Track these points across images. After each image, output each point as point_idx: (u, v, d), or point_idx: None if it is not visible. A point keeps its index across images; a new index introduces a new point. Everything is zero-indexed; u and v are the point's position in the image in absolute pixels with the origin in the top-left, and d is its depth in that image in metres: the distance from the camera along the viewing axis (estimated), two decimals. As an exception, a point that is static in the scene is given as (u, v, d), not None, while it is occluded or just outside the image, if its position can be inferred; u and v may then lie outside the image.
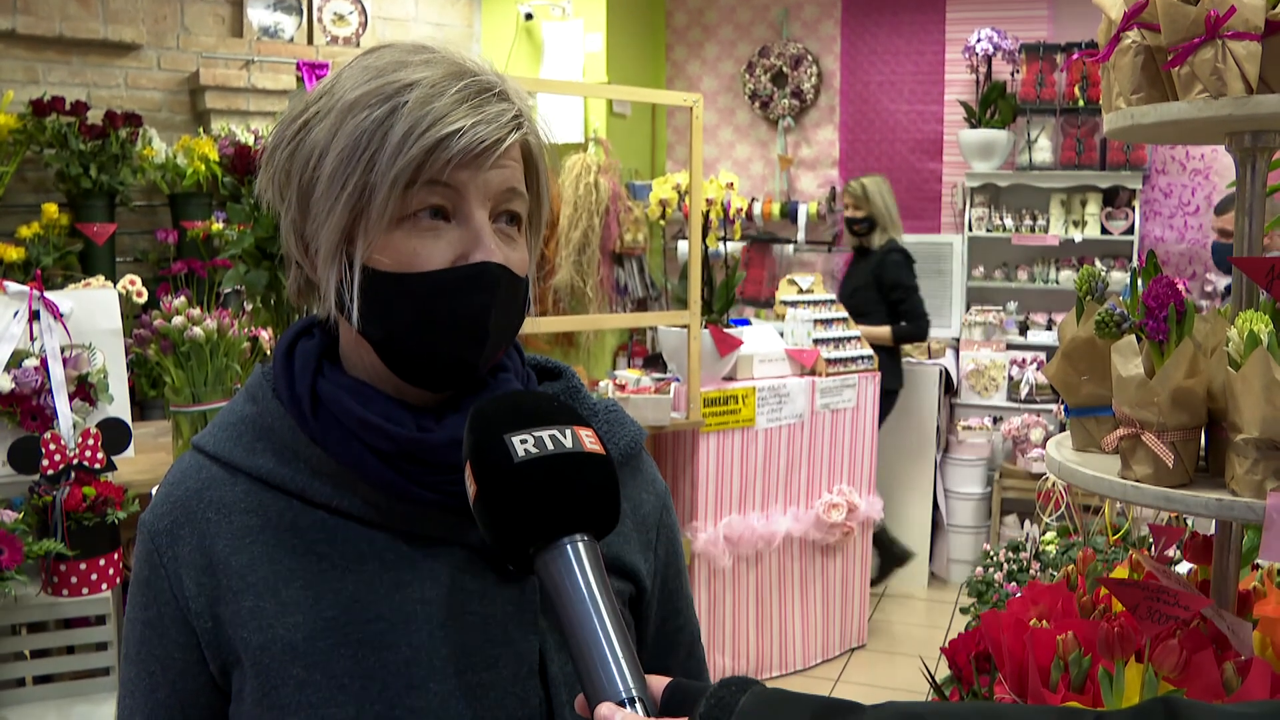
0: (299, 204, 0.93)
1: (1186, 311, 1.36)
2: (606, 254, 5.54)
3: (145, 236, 4.57)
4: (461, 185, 0.89)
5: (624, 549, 1.04)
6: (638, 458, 1.10)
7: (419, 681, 0.91)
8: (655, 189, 5.40)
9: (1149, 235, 5.82)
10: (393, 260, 0.90)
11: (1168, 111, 1.41)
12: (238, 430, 0.98)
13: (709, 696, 0.76)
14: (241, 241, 2.56)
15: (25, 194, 4.26)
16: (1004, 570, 3.18)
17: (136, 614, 0.98)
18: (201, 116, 4.81)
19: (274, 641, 0.91)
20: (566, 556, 0.81)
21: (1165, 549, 1.77)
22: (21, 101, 4.15)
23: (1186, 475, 1.38)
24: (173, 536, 0.95)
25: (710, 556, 4.26)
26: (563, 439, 0.84)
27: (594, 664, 0.78)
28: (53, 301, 2.34)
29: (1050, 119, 5.81)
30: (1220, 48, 1.33)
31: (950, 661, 1.77)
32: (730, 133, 6.82)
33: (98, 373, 2.37)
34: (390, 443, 0.92)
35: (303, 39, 5.17)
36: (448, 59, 0.92)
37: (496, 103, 0.90)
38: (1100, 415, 1.55)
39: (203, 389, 2.71)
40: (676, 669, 1.12)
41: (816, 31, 6.57)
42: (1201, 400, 1.37)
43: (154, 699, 0.97)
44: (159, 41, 4.74)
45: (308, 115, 0.92)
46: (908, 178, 6.39)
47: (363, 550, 0.94)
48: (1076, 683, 1.38)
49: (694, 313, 4.12)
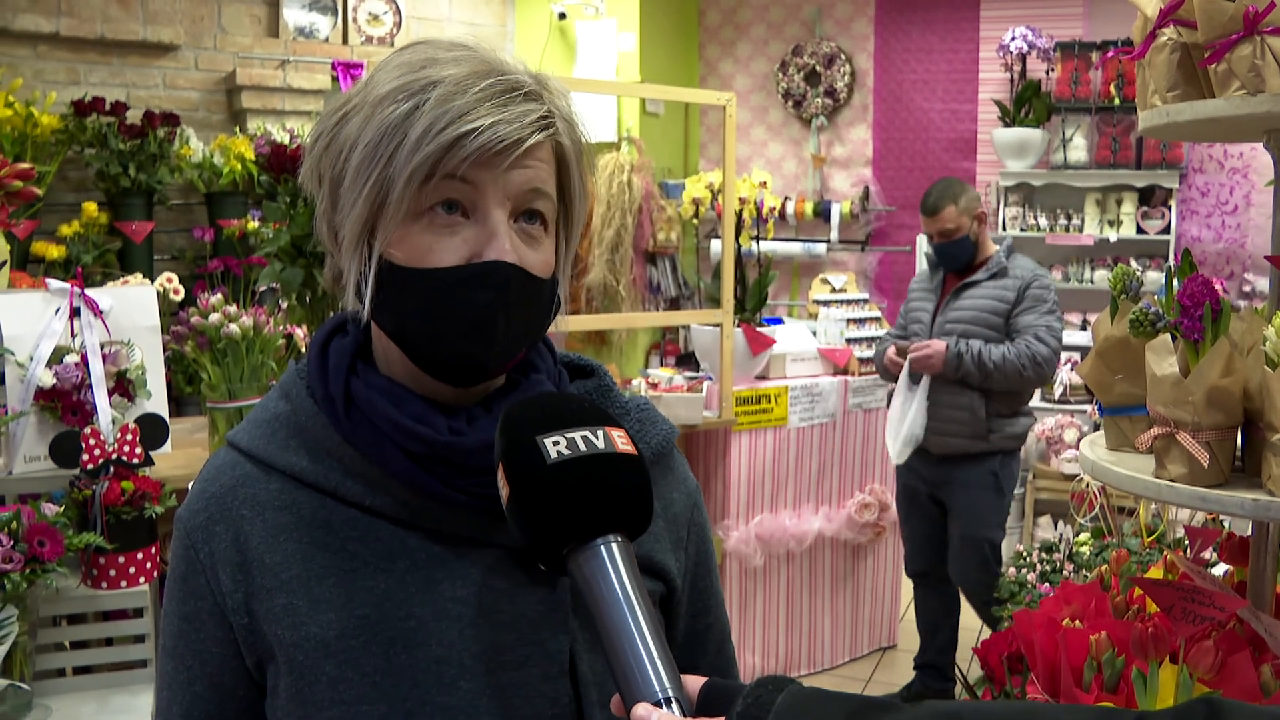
0: (330, 194, 0.95)
1: (1222, 310, 1.35)
2: (639, 253, 5.54)
3: (182, 235, 4.61)
4: (479, 183, 0.89)
5: (655, 548, 1.05)
6: (669, 456, 1.10)
7: (450, 680, 0.92)
8: (688, 188, 5.40)
9: (1185, 235, 5.76)
10: (407, 254, 0.91)
11: (1204, 109, 1.40)
12: (271, 428, 0.99)
13: (746, 695, 0.76)
14: (277, 239, 2.58)
15: (66, 193, 4.31)
16: (1037, 571, 3.16)
17: (174, 608, 0.99)
18: (238, 116, 4.85)
19: (307, 639, 0.92)
20: (600, 557, 0.81)
21: (1201, 551, 1.76)
22: (63, 102, 4.21)
23: (1222, 475, 1.37)
24: (208, 532, 0.96)
25: (742, 555, 4.26)
26: (595, 440, 0.84)
27: (629, 664, 0.78)
28: (93, 299, 2.37)
29: (1085, 118, 5.76)
30: (1259, 44, 1.32)
31: (982, 661, 1.76)
32: (763, 131, 6.81)
33: (136, 369, 2.39)
34: (422, 445, 0.92)
35: (338, 39, 5.20)
36: (478, 57, 0.92)
37: (523, 102, 0.90)
38: (1135, 415, 1.54)
39: (238, 385, 2.74)
40: (705, 667, 1.12)
41: (849, 30, 6.55)
42: (1237, 400, 1.36)
43: (192, 692, 0.98)
44: (196, 42, 4.79)
45: (346, 108, 0.94)
46: (941, 176, 6.35)
47: (394, 549, 0.94)
48: (1110, 683, 1.38)
49: (727, 311, 4.12)
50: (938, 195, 3.95)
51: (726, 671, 1.15)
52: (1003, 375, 3.80)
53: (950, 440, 3.95)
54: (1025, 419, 4.02)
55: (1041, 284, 3.91)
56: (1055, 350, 3.83)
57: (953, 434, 3.94)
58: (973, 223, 3.96)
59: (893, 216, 6.47)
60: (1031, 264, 3.99)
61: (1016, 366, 3.79)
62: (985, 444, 3.93)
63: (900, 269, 6.36)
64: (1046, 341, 3.82)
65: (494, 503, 0.86)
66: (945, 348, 3.88)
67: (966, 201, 3.93)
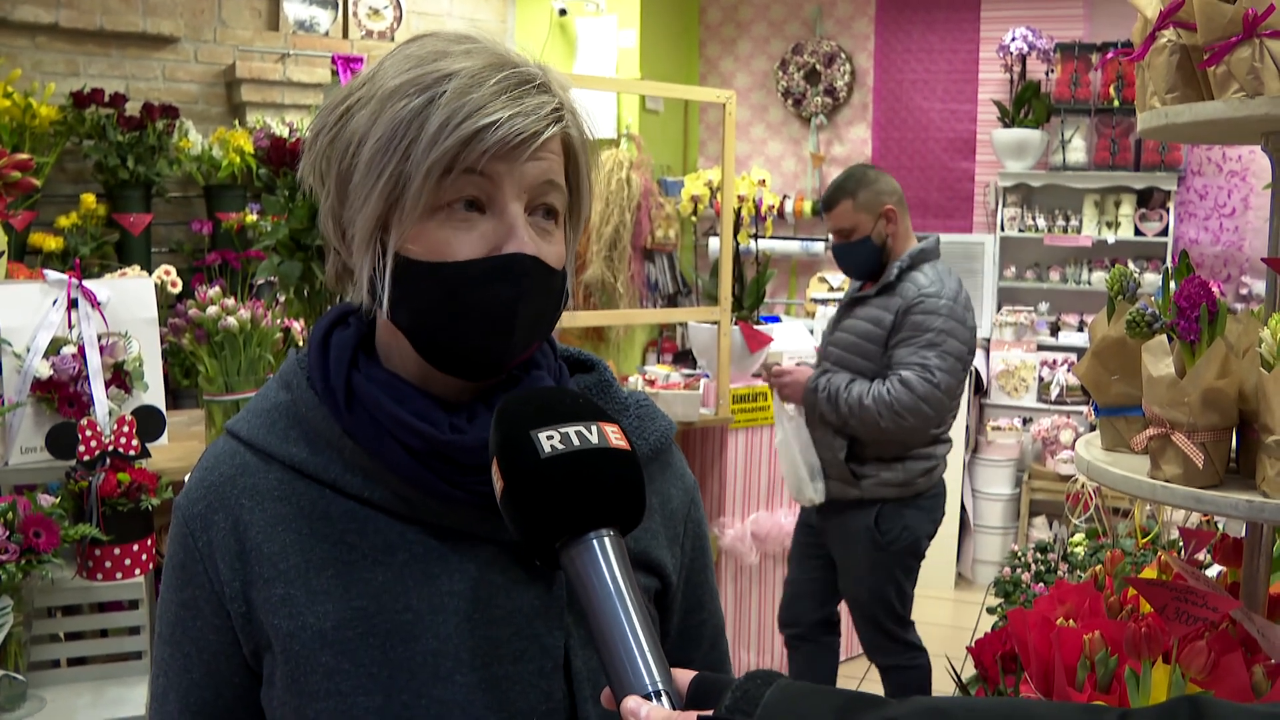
0: (337, 190, 0.94)
1: (1219, 311, 1.35)
2: (638, 250, 5.55)
3: (180, 227, 4.61)
4: (497, 176, 0.89)
5: (651, 544, 1.05)
6: (668, 452, 1.10)
7: (445, 673, 0.92)
8: (687, 185, 5.40)
9: (1183, 237, 5.77)
10: (425, 249, 0.90)
11: (1203, 111, 1.40)
12: (271, 417, 0.99)
13: (734, 689, 0.76)
14: (275, 233, 2.58)
15: (64, 184, 4.31)
16: (1031, 571, 3.17)
17: (171, 595, 0.99)
18: (237, 109, 4.85)
19: (303, 629, 0.92)
20: (592, 551, 0.82)
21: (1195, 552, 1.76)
22: (62, 94, 4.20)
23: (1217, 476, 1.37)
24: (206, 521, 0.96)
25: (737, 553, 4.26)
26: (589, 435, 0.84)
27: (620, 658, 0.79)
28: (90, 290, 2.37)
29: (1084, 119, 5.77)
30: (1258, 46, 1.32)
31: (976, 660, 1.77)
32: (763, 130, 6.81)
33: (133, 361, 2.39)
34: (423, 441, 0.92)
35: (338, 33, 5.20)
36: (489, 50, 0.92)
37: (536, 95, 0.90)
38: (1130, 415, 1.54)
39: (236, 378, 2.74)
40: (699, 662, 1.12)
41: (850, 29, 6.55)
42: (1232, 401, 1.36)
43: (188, 679, 0.98)
44: (196, 35, 4.78)
45: (350, 102, 0.93)
46: (940, 177, 6.37)
47: (393, 542, 0.95)
48: (1103, 683, 1.38)
49: (724, 309, 4.12)
50: (834, 188, 3.36)
51: (720, 667, 1.15)
52: (859, 422, 3.17)
53: (829, 483, 3.36)
54: (919, 462, 3.29)
55: (926, 308, 3.16)
56: (924, 397, 3.09)
57: (829, 475, 3.36)
58: (877, 222, 3.28)
59: (891, 216, 6.47)
60: (930, 280, 3.21)
61: (873, 414, 3.13)
62: (857, 491, 3.30)
63: (898, 268, 6.36)
64: (912, 386, 3.10)
65: (493, 499, 0.86)
66: (806, 377, 3.35)
67: (867, 196, 3.28)
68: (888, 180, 3.35)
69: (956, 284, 3.26)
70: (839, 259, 3.41)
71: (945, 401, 3.17)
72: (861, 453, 3.29)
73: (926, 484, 3.33)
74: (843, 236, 3.34)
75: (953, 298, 3.19)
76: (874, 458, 3.28)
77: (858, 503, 3.32)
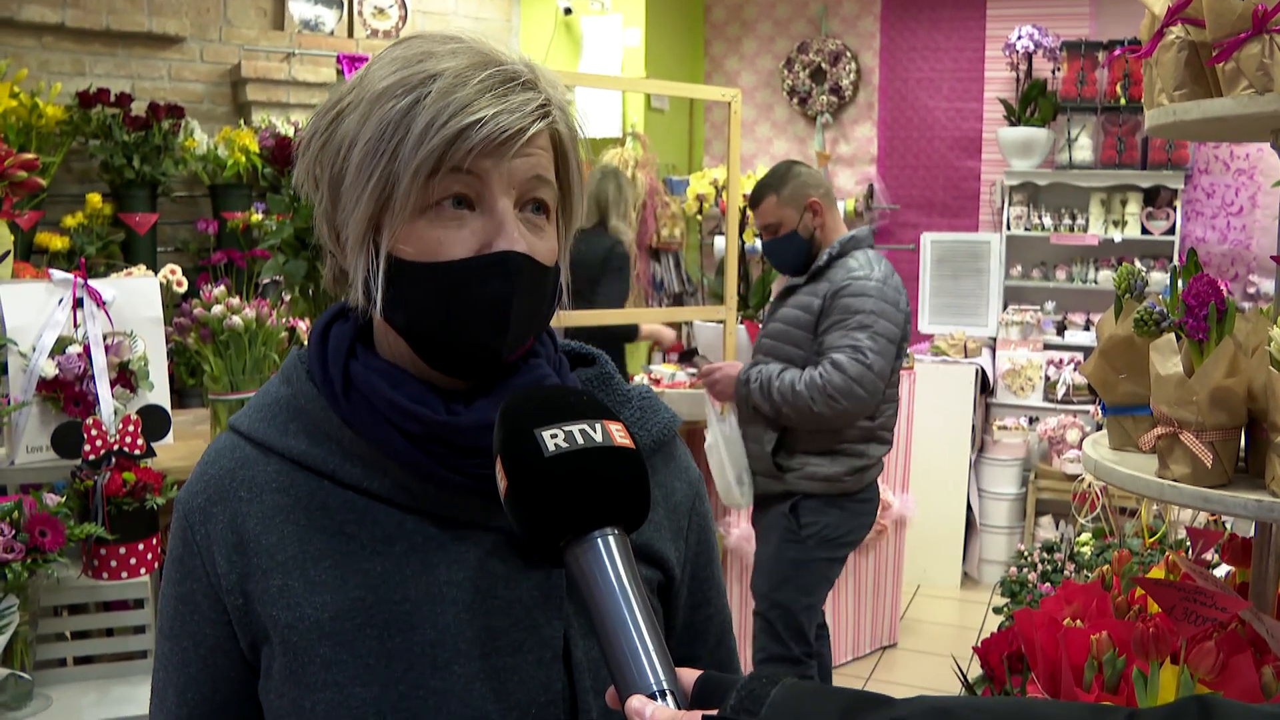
0: (330, 194, 0.95)
1: (1227, 310, 1.35)
2: (643, 248, 5.54)
3: (186, 227, 4.61)
4: (484, 173, 0.90)
5: (654, 536, 1.05)
6: (671, 445, 1.10)
7: (443, 663, 0.92)
8: (692, 184, 5.41)
9: (1190, 236, 5.75)
10: (416, 249, 0.91)
11: (1211, 108, 1.40)
12: (272, 411, 1.00)
13: (740, 689, 0.76)
14: (280, 232, 2.58)
15: (70, 184, 4.31)
16: (1038, 571, 3.17)
17: (171, 589, 0.99)
18: (243, 108, 4.85)
19: (301, 620, 0.92)
20: (597, 549, 0.82)
21: (1203, 552, 1.75)
22: (68, 93, 4.21)
23: (1225, 475, 1.37)
24: (206, 514, 0.97)
25: (743, 552, 4.25)
26: (593, 433, 0.84)
27: (625, 657, 0.79)
28: (96, 289, 2.37)
29: (1091, 117, 5.75)
30: (1267, 43, 1.31)
31: (982, 660, 1.76)
32: (768, 129, 6.80)
33: (138, 360, 2.39)
34: (419, 425, 0.92)
35: (343, 32, 5.20)
36: (474, 49, 0.92)
37: (521, 92, 0.91)
38: (1138, 414, 1.54)
39: (241, 377, 2.74)
40: (706, 658, 1.12)
41: (856, 27, 6.54)
42: (1241, 400, 1.35)
43: (186, 673, 0.98)
44: (202, 34, 4.79)
45: (341, 106, 0.94)
46: (946, 175, 6.36)
47: (391, 532, 0.95)
48: (1110, 683, 1.38)
49: (730, 308, 4.12)
50: (758, 185, 3.33)
51: (727, 664, 1.15)
52: (793, 409, 3.09)
53: (756, 479, 3.33)
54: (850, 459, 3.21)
55: (855, 290, 3.10)
56: (856, 378, 3.02)
57: (756, 471, 3.32)
58: (803, 215, 3.23)
59: (897, 215, 6.47)
60: (859, 264, 3.17)
61: (806, 400, 3.05)
62: (781, 485, 3.23)
63: (904, 267, 6.35)
64: (843, 368, 3.03)
65: (492, 484, 0.86)
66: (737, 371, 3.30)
67: (792, 190, 3.23)
68: (813, 174, 3.32)
69: (887, 269, 3.20)
70: (769, 255, 3.39)
71: (877, 383, 3.08)
72: (792, 444, 3.22)
73: (855, 484, 3.25)
74: (770, 232, 3.30)
75: (882, 280, 3.13)
76: (803, 450, 3.20)
77: (781, 495, 3.26)
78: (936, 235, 6.11)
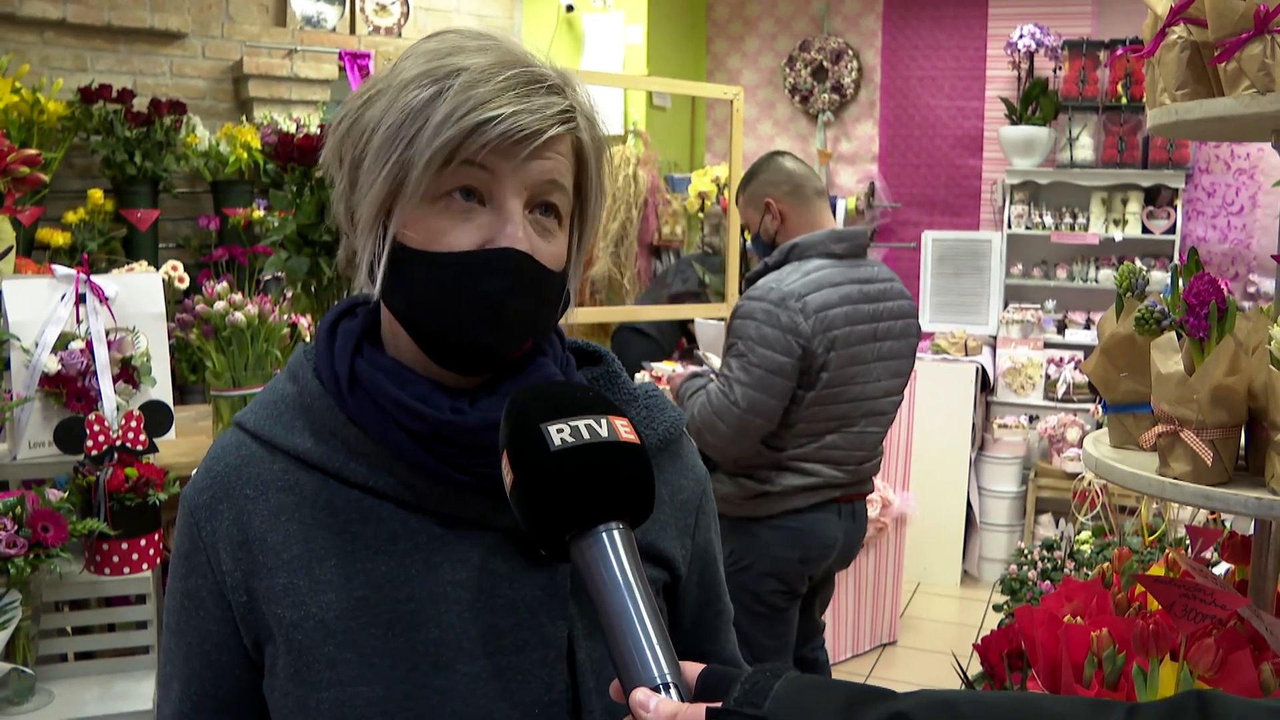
0: (349, 175, 0.96)
1: (1228, 309, 1.35)
2: (644, 246, 5.55)
3: (188, 223, 4.61)
4: (497, 170, 0.90)
5: (660, 536, 1.05)
6: (678, 443, 1.11)
7: (447, 662, 0.92)
8: (694, 182, 5.41)
9: (1191, 235, 5.76)
10: (421, 237, 0.92)
11: (1213, 107, 1.40)
12: (277, 409, 1.00)
13: (743, 682, 0.76)
14: (283, 228, 2.58)
15: (72, 180, 4.31)
16: (1038, 568, 3.17)
17: (177, 584, 1.00)
18: (244, 105, 4.85)
19: (306, 619, 0.93)
20: (602, 543, 0.82)
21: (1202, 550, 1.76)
22: (70, 89, 4.21)
23: (1225, 474, 1.37)
24: (211, 511, 0.97)
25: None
26: (598, 428, 0.85)
27: (629, 650, 0.79)
28: (98, 285, 2.37)
29: (1092, 116, 5.75)
30: (1269, 43, 1.32)
31: (982, 658, 1.77)
32: (770, 126, 6.80)
33: (141, 356, 2.40)
34: (423, 423, 0.93)
35: (345, 29, 5.20)
36: (504, 48, 0.93)
37: (545, 95, 0.91)
38: (1139, 412, 1.54)
39: (243, 374, 2.74)
40: (715, 653, 1.13)
41: (857, 26, 6.54)
42: (1242, 398, 1.36)
43: (190, 668, 0.99)
44: (204, 30, 4.79)
45: (371, 92, 0.95)
46: (947, 174, 6.36)
47: (396, 531, 0.95)
48: (1110, 679, 1.38)
49: (730, 306, 4.12)
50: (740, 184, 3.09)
51: (736, 662, 1.16)
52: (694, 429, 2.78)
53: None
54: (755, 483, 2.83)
55: (740, 312, 2.77)
56: (718, 411, 2.71)
57: None
58: (762, 216, 2.96)
59: (898, 213, 6.47)
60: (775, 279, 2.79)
61: (696, 425, 2.77)
62: None
63: (905, 266, 6.36)
64: (711, 399, 2.74)
65: (496, 483, 0.86)
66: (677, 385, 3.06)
67: (751, 190, 2.97)
68: (779, 170, 2.97)
69: (805, 284, 2.76)
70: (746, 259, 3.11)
71: (746, 419, 2.70)
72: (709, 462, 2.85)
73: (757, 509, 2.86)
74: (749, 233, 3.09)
75: (778, 302, 2.71)
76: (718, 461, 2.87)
77: None
78: (937, 233, 6.12)
